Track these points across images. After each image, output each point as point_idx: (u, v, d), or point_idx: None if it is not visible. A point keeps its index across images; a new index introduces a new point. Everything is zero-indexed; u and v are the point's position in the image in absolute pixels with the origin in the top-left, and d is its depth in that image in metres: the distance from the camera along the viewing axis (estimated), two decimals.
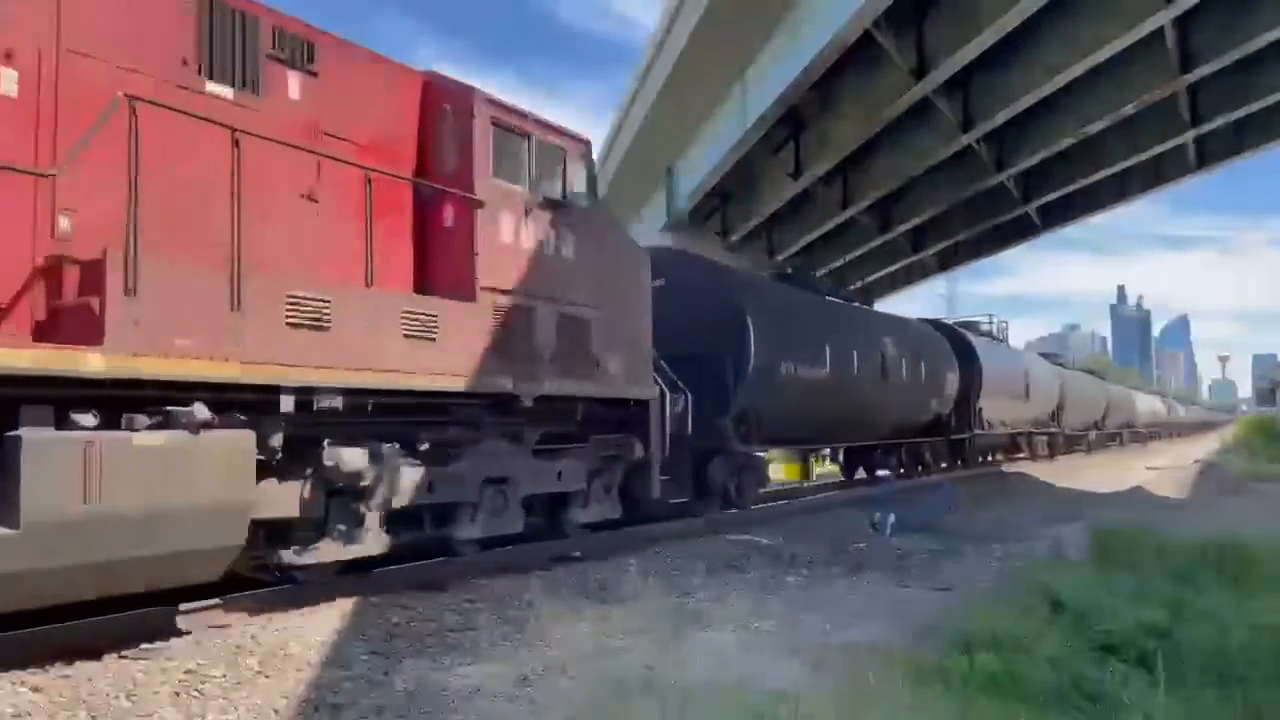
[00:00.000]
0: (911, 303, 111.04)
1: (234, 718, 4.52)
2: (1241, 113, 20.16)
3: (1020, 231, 30.83)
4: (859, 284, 34.62)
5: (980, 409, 21.67)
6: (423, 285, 7.63)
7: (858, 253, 30.76)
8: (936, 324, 22.74)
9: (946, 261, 34.83)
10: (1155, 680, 4.82)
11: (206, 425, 5.35)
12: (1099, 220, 31.16)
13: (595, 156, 9.39)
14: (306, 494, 6.54)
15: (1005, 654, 5.24)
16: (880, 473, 18.69)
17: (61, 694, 4.59)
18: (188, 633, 5.77)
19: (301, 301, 6.08)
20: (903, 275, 36.40)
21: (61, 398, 4.93)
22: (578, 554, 9.05)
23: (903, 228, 28.10)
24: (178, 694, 4.73)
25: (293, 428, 6.14)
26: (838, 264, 31.66)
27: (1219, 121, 20.58)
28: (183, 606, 6.03)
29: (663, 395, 9.92)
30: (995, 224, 28.82)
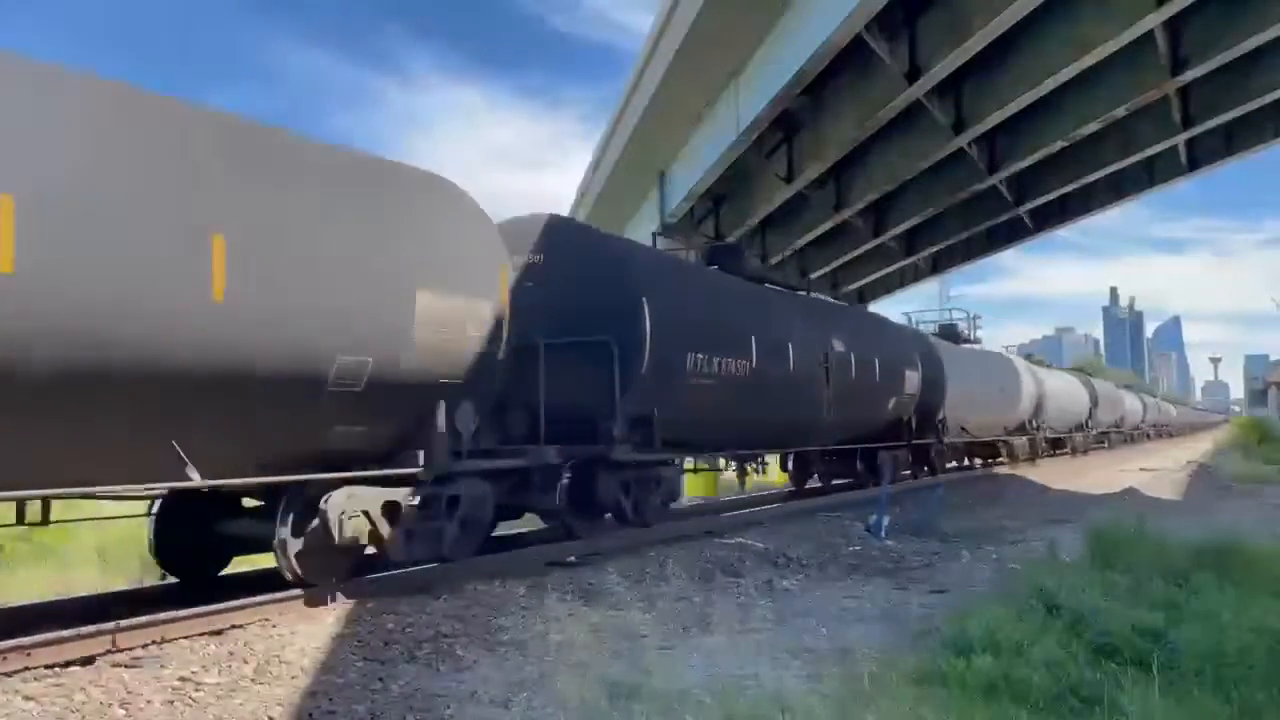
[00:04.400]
0: (905, 304, 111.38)
1: None
2: (1232, 115, 20.17)
3: (1013, 234, 30.82)
4: (852, 287, 34.65)
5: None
6: None
7: (851, 255, 30.78)
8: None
9: (939, 264, 34.82)
10: (1152, 682, 4.82)
11: None
12: (1091, 222, 31.17)
13: (588, 163, 9.30)
14: None
15: (1002, 656, 5.23)
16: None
17: (55, 702, 4.57)
18: (181, 639, 5.75)
19: None
20: (896, 278, 36.39)
21: None
22: (572, 559, 9.04)
23: (895, 230, 28.06)
24: (171, 702, 4.71)
25: None
26: (831, 267, 31.68)
27: (1210, 124, 20.59)
28: (177, 613, 6.00)
29: None
30: (988, 226, 28.80)
